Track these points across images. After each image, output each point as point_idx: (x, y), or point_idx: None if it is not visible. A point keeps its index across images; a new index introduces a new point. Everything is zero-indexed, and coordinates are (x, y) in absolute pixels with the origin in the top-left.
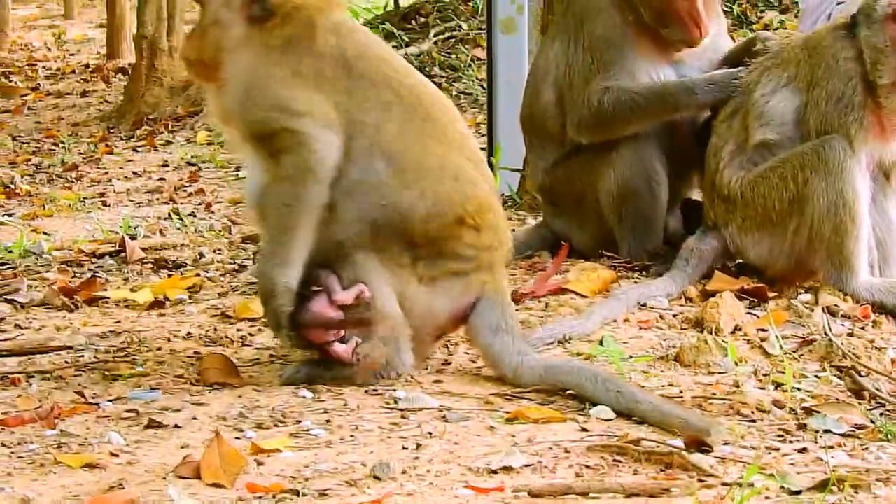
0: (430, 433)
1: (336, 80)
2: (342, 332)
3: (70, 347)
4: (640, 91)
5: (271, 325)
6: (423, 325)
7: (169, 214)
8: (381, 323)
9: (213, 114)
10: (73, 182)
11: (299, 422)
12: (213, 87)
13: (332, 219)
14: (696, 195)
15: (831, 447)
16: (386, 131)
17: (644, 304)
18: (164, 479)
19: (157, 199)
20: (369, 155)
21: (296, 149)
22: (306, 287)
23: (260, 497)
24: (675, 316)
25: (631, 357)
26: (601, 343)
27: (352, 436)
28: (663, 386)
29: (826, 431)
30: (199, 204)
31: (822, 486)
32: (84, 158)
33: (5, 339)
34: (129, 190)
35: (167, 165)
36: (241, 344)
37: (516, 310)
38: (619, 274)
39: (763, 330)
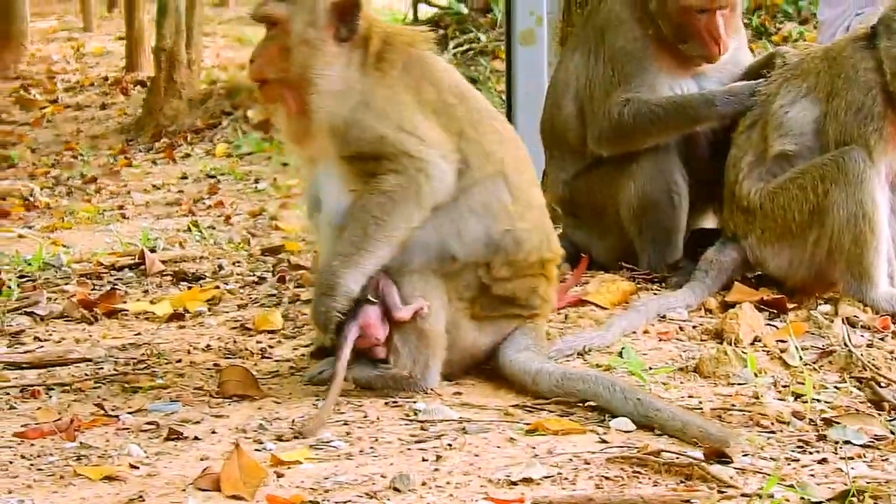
0: (449, 445)
1: (456, 110)
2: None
3: (90, 360)
4: (660, 103)
5: (317, 323)
6: (462, 358)
7: (188, 227)
8: (422, 339)
9: (286, 134)
10: (92, 195)
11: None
12: (290, 106)
13: (451, 232)
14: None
15: (851, 458)
16: (507, 163)
17: (664, 316)
18: (184, 491)
19: (177, 212)
20: (496, 181)
21: (409, 172)
22: (362, 291)
23: None
24: (694, 327)
25: (651, 368)
26: (621, 354)
27: (371, 448)
28: (683, 397)
29: (846, 442)
30: (219, 216)
31: (843, 497)
32: (103, 171)
33: (25, 352)
34: (148, 202)
35: (186, 178)
36: (260, 356)
37: None
38: (638, 286)
39: (783, 341)
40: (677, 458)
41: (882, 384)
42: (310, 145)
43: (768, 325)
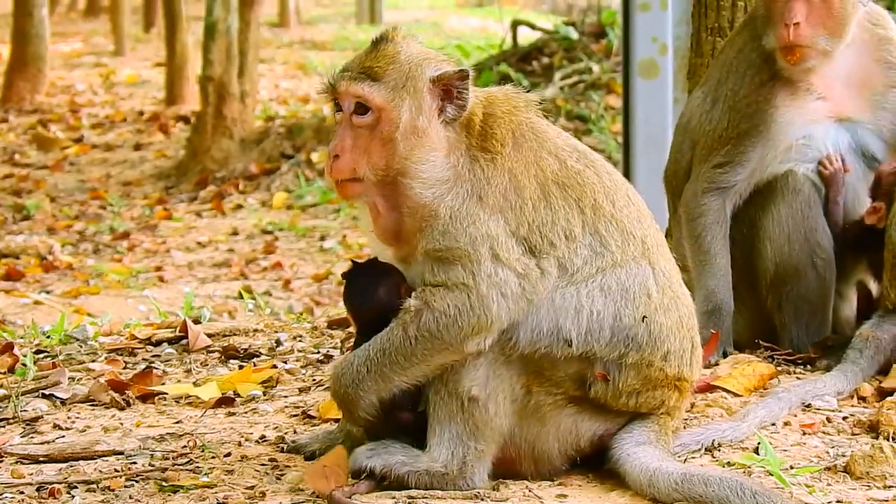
0: None
1: (585, 176)
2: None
3: (120, 453)
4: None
5: (346, 418)
6: (560, 448)
7: (239, 293)
8: (469, 427)
9: (376, 233)
10: (123, 253)
11: None
12: (380, 204)
13: (568, 310)
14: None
15: None
16: (650, 246)
17: (809, 405)
18: None
19: (226, 275)
20: (641, 266)
21: (476, 290)
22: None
23: None
24: (845, 419)
25: (792, 467)
26: (756, 451)
27: None
28: (830, 502)
29: None
30: (276, 280)
31: None
32: (137, 225)
33: (42, 443)
34: (191, 263)
35: (237, 234)
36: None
37: None
38: (778, 368)
39: None
40: None
41: None
42: (403, 246)
43: None
